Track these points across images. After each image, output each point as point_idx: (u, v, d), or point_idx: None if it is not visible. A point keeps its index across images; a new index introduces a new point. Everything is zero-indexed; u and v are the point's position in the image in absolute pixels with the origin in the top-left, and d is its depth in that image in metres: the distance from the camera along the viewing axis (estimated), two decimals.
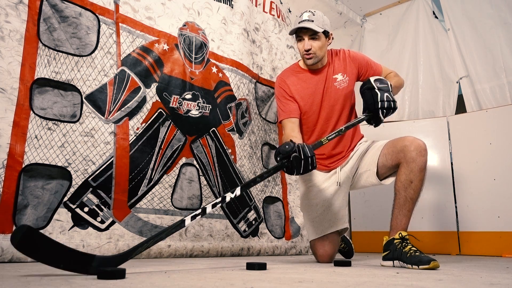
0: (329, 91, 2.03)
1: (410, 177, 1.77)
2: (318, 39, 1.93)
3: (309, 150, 1.58)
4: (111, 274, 0.99)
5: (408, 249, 1.62)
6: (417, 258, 1.54)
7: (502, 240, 2.84)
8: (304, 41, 1.93)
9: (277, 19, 3.20)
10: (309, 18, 1.90)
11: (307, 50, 1.93)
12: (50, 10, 1.93)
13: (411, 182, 1.76)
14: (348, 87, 2.04)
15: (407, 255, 1.59)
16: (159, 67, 2.32)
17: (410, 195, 1.76)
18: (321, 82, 2.03)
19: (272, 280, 1.05)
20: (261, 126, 2.93)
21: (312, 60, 1.96)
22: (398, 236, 1.69)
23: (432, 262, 1.49)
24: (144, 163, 2.16)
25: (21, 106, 1.77)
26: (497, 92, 3.18)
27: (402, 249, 1.64)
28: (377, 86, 1.84)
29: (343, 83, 2.03)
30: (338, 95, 2.03)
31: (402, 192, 1.78)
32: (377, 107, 1.81)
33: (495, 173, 2.96)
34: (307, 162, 1.57)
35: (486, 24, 3.30)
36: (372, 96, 1.83)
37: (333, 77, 2.03)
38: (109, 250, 1.91)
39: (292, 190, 3.02)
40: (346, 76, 2.04)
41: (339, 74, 2.04)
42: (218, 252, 2.39)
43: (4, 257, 1.60)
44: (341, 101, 2.04)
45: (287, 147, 1.57)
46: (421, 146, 1.79)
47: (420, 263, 1.51)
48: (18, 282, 0.92)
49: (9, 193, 1.68)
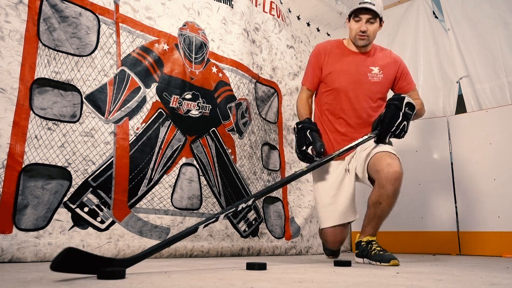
0: (361, 77, 2.09)
1: (379, 199, 1.86)
2: (374, 23, 2.02)
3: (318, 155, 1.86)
4: (110, 274, 0.99)
5: (373, 249, 1.85)
6: (380, 256, 1.78)
7: (502, 240, 2.84)
8: (362, 22, 2.01)
9: (277, 19, 3.20)
10: (371, 1, 1.97)
11: (363, 32, 2.01)
12: (50, 10, 1.93)
13: (380, 203, 1.86)
14: (379, 83, 2.10)
15: (371, 254, 1.83)
16: (159, 67, 2.32)
17: (378, 213, 1.88)
18: (357, 65, 2.10)
19: (272, 280, 1.05)
20: (261, 126, 2.93)
21: (364, 41, 2.04)
22: (365, 240, 1.91)
23: (392, 260, 1.73)
24: (144, 163, 2.16)
25: (21, 106, 1.77)
26: (497, 92, 3.18)
27: (368, 250, 1.87)
28: (405, 110, 1.85)
29: (375, 77, 2.09)
30: (367, 85, 2.09)
31: (372, 209, 1.90)
32: (391, 129, 1.85)
33: (495, 173, 2.95)
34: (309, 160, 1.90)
35: (486, 24, 3.30)
36: (393, 117, 1.84)
37: (370, 67, 2.10)
38: (109, 250, 1.91)
39: (292, 190, 3.02)
40: (382, 73, 2.10)
41: (377, 68, 2.10)
42: (218, 252, 2.39)
43: (4, 257, 1.60)
44: (369, 93, 2.09)
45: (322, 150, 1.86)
46: (392, 175, 1.82)
47: (382, 260, 1.76)
48: (18, 282, 0.92)
49: (9, 193, 1.68)
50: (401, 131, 1.87)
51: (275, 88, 3.09)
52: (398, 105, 1.85)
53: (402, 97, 1.87)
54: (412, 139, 3.47)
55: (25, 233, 1.69)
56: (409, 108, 1.86)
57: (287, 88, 3.17)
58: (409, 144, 3.47)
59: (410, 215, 3.33)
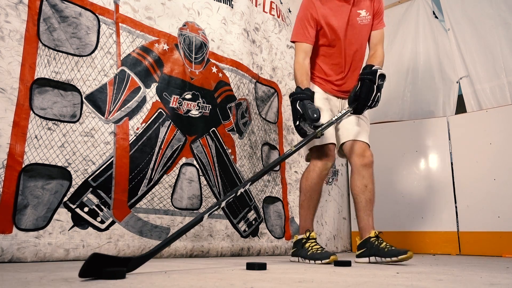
0: (353, 24, 2.10)
1: (363, 183, 2.02)
2: None
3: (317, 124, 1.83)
4: (111, 274, 0.99)
5: (384, 245, 1.85)
6: (395, 251, 1.79)
7: (502, 240, 2.84)
8: None
9: (277, 19, 3.20)
10: None
11: None
12: (50, 10, 1.93)
13: (366, 186, 2.02)
14: (368, 25, 2.14)
15: (384, 250, 1.83)
16: (159, 67, 2.32)
17: (368, 197, 2.01)
18: (346, 14, 2.09)
19: (272, 280, 1.05)
20: (261, 126, 2.93)
21: None
22: (373, 234, 1.92)
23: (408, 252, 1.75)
24: (144, 163, 2.16)
25: (21, 106, 1.77)
26: (497, 92, 3.18)
27: (379, 245, 1.86)
28: (378, 83, 1.91)
29: (365, 19, 2.12)
30: (359, 30, 2.12)
31: (361, 196, 2.02)
32: (367, 104, 1.93)
33: (495, 173, 2.96)
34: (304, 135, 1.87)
35: (486, 24, 3.30)
36: (369, 92, 1.91)
37: (357, 11, 2.11)
38: (109, 250, 1.91)
39: (292, 190, 3.02)
40: (369, 14, 2.13)
41: (363, 10, 2.11)
42: (218, 252, 2.39)
43: (4, 257, 1.60)
44: (361, 37, 2.14)
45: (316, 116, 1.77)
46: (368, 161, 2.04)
47: (399, 254, 1.76)
48: (18, 282, 0.92)
49: (9, 193, 1.68)
50: (376, 102, 1.94)
51: (275, 88, 3.09)
52: (372, 79, 1.90)
53: (375, 70, 1.92)
54: (412, 139, 3.48)
55: (25, 233, 1.69)
56: (382, 79, 1.93)
57: (287, 88, 3.17)
58: (409, 144, 3.48)
59: (410, 215, 3.33)
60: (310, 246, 1.95)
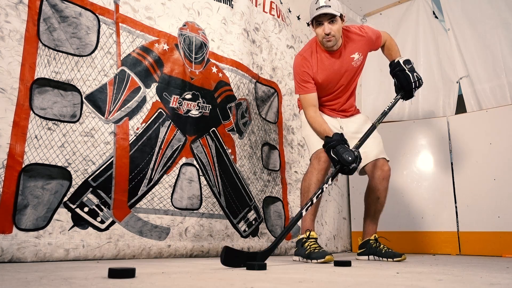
0: (347, 69, 2.24)
1: (377, 195, 2.24)
2: (335, 22, 2.08)
3: None
4: (120, 273, 1.00)
5: (382, 247, 2.18)
6: (391, 253, 2.12)
7: (502, 240, 2.84)
8: (324, 25, 2.08)
9: (277, 19, 3.20)
10: (326, 4, 2.04)
11: (328, 34, 2.08)
12: (50, 10, 1.93)
13: (378, 198, 2.25)
14: (362, 63, 2.30)
15: (382, 251, 2.15)
16: (159, 67, 2.32)
17: (378, 208, 2.26)
18: (340, 64, 2.22)
19: (272, 280, 1.05)
20: (261, 126, 2.93)
21: (331, 42, 2.12)
22: (373, 238, 2.25)
23: (402, 255, 2.08)
24: (144, 163, 2.16)
25: (21, 106, 1.77)
26: (497, 92, 3.18)
27: (377, 247, 2.19)
28: (407, 68, 2.21)
29: (359, 61, 2.26)
30: (354, 71, 2.28)
31: (372, 206, 2.27)
32: (411, 87, 2.21)
33: (495, 173, 2.95)
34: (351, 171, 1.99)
35: (486, 24, 3.30)
36: (405, 77, 2.21)
37: (350, 56, 2.23)
38: (109, 250, 1.91)
39: (292, 190, 3.02)
40: (361, 54, 2.26)
41: (356, 53, 2.24)
42: (218, 252, 2.39)
43: (4, 257, 1.60)
44: (355, 76, 2.31)
45: (351, 159, 1.90)
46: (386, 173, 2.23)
47: (394, 256, 2.09)
48: (18, 282, 0.92)
49: (9, 193, 1.68)
50: (419, 81, 2.21)
51: (275, 88, 3.09)
52: (400, 69, 2.23)
53: (398, 62, 2.25)
54: (412, 139, 3.47)
55: (25, 233, 1.69)
56: (407, 63, 2.23)
57: (287, 88, 3.17)
58: (409, 144, 3.47)
59: (410, 215, 3.33)
60: (308, 245, 2.00)
